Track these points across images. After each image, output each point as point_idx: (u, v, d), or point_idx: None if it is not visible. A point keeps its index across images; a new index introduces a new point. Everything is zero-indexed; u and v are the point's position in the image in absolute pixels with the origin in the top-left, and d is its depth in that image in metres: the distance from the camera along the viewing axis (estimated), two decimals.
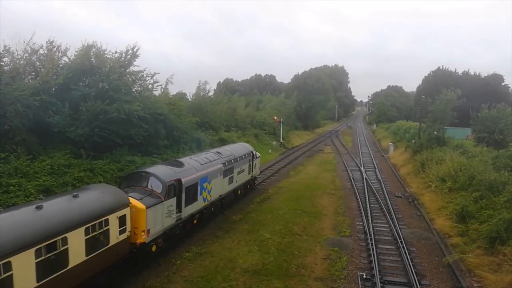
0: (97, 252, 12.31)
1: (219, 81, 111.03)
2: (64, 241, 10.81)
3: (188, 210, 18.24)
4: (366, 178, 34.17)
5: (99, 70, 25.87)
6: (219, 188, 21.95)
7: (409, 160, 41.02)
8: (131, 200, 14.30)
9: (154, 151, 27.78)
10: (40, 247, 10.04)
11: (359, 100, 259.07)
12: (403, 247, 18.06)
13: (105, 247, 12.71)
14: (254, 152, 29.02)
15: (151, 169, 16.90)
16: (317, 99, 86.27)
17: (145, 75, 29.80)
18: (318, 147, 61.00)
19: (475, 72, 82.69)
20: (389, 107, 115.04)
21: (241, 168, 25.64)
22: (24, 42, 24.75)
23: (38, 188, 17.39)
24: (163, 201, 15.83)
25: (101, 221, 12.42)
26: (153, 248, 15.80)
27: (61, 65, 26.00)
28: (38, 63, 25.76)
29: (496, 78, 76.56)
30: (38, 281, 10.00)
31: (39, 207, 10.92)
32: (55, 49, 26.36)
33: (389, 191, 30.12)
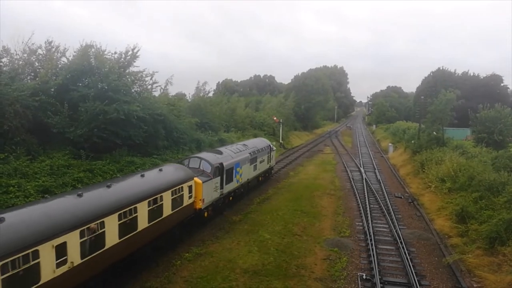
0: (176, 209, 17.02)
1: (218, 82, 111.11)
2: (161, 198, 15.73)
3: (227, 188, 23.02)
4: (365, 179, 34.17)
5: (98, 71, 25.87)
6: (247, 173, 26.64)
7: (409, 160, 41.04)
8: None
9: (154, 152, 27.76)
10: (150, 200, 14.97)
11: (358, 100, 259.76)
12: (402, 247, 18.05)
13: (181, 207, 17.44)
14: (271, 145, 33.83)
15: (202, 155, 21.98)
16: (317, 99, 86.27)
17: (144, 76, 29.83)
18: (317, 147, 61.01)
19: (474, 73, 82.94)
20: (388, 107, 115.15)
21: (262, 158, 30.29)
22: (23, 42, 24.77)
23: (38, 188, 17.36)
24: (212, 178, 20.45)
25: (179, 187, 17.13)
26: (205, 214, 20.33)
27: (60, 66, 25.99)
28: (37, 64, 25.76)
29: (495, 79, 76.70)
30: (149, 222, 14.97)
31: (142, 176, 15.84)
32: (54, 49, 26.37)
33: (388, 192, 30.13)
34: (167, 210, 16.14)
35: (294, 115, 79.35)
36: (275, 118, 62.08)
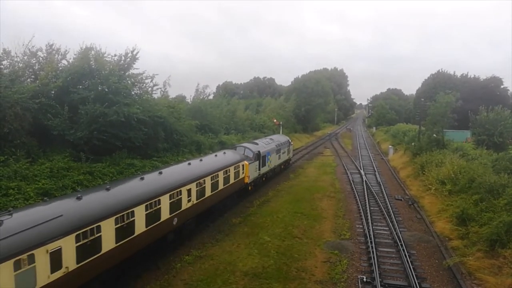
0: (236, 180, 24.38)
1: (219, 84, 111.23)
2: (229, 170, 23.06)
3: (262, 170, 30.71)
4: (366, 181, 34.14)
5: (98, 73, 25.89)
6: (274, 160, 34.21)
7: (409, 162, 41.01)
8: None
9: (154, 154, 27.74)
10: (224, 170, 22.47)
11: (358, 103, 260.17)
12: (403, 250, 18.01)
13: (238, 178, 25.00)
14: (290, 141, 41.99)
15: (245, 145, 29.88)
16: (317, 102, 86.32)
17: (144, 78, 29.85)
18: (317, 149, 60.97)
19: (474, 75, 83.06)
20: (388, 110, 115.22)
21: (284, 150, 37.87)
22: (23, 44, 24.80)
23: (38, 191, 17.34)
24: (253, 162, 28.09)
25: (237, 165, 24.70)
26: (249, 188, 28.21)
27: (60, 68, 26.02)
28: (37, 66, 25.77)
29: (495, 81, 76.81)
30: (224, 185, 22.34)
31: (216, 156, 23.89)
32: (54, 51, 26.41)
33: (389, 194, 30.10)
34: (232, 180, 23.67)
35: (294, 118, 79.37)
36: (275, 121, 62.11)
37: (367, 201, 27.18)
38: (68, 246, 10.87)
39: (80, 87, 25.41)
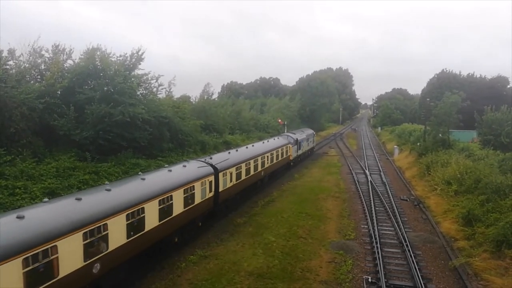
0: (284, 156, 35.92)
1: (223, 84, 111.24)
2: (279, 151, 33.93)
3: (299, 153, 42.94)
4: (371, 181, 34.01)
5: (104, 74, 26.02)
6: (305, 147, 46.59)
7: (414, 163, 40.80)
8: None
9: (159, 154, 27.85)
10: (273, 151, 32.78)
11: (363, 103, 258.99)
12: (408, 250, 17.91)
13: (286, 155, 36.62)
14: (314, 133, 55.95)
15: (287, 134, 42.72)
16: (322, 102, 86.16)
17: (149, 78, 29.97)
18: (322, 149, 60.83)
19: (480, 75, 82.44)
20: (393, 110, 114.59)
21: (310, 140, 50.37)
22: (29, 45, 24.98)
23: (44, 190, 17.47)
24: (294, 145, 39.90)
25: (286, 146, 36.55)
26: (291, 163, 39.53)
27: (66, 68, 26.18)
28: (43, 66, 25.94)
29: (502, 81, 76.23)
30: (276, 160, 33.53)
31: (267, 141, 35.00)
32: (60, 52, 26.57)
33: (394, 194, 29.95)
34: (276, 159, 33.00)
35: (299, 117, 79.27)
36: (279, 120, 62.06)
37: (372, 201, 27.07)
38: None
39: (86, 87, 25.56)
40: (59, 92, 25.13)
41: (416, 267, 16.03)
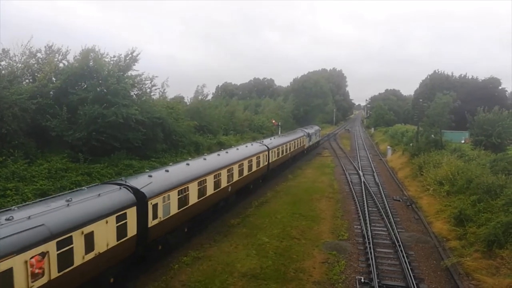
0: (299, 146, 46.81)
1: (218, 85, 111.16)
2: (298, 140, 45.78)
3: (309, 143, 53.68)
4: (364, 182, 34.16)
5: (97, 74, 25.88)
6: (313, 140, 57.15)
7: (407, 163, 41.06)
8: None
9: (152, 155, 27.75)
10: (293, 142, 43.64)
11: (357, 103, 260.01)
12: (401, 250, 18.03)
13: (301, 145, 48.16)
14: (319, 129, 67.41)
15: (301, 129, 56.47)
16: (315, 102, 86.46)
17: (143, 79, 29.85)
18: (316, 150, 60.97)
19: (472, 76, 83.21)
20: (386, 110, 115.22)
21: (317, 134, 62.46)
22: (22, 45, 24.79)
23: (35, 192, 17.34)
24: (307, 137, 51.75)
25: (301, 138, 48.22)
26: (305, 151, 51.78)
27: (60, 69, 26.00)
28: (36, 66, 25.74)
29: (494, 82, 76.97)
30: (295, 148, 44.76)
31: (288, 135, 47.58)
32: (54, 52, 26.38)
33: (387, 195, 30.12)
34: (296, 146, 43.57)
35: (293, 118, 79.46)
36: (273, 121, 62.16)
37: (365, 202, 27.20)
38: None
39: (79, 88, 25.41)
40: (51, 93, 24.96)
41: (409, 267, 16.14)
